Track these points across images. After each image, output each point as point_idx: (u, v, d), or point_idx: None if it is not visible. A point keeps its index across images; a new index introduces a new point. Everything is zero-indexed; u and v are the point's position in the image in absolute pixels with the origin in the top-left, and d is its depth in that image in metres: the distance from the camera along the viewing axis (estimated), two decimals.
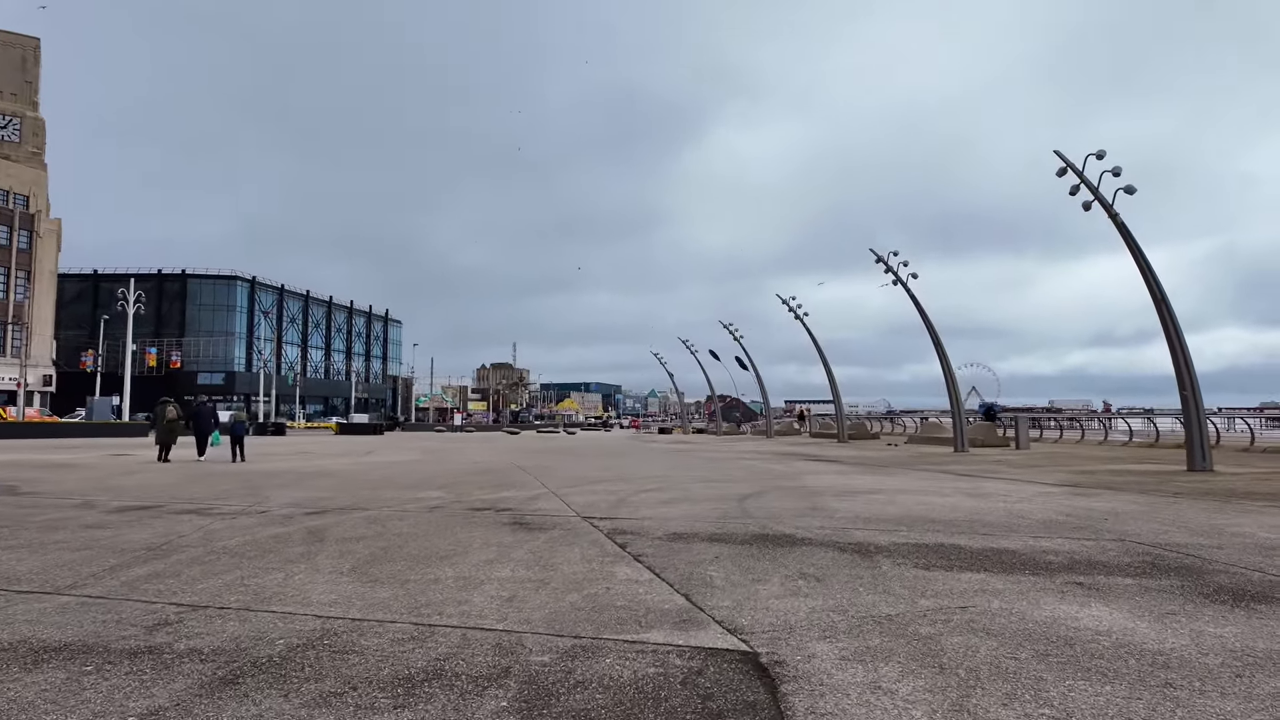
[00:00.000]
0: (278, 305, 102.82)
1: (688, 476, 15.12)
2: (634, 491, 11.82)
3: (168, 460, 19.07)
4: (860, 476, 15.37)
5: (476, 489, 12.13)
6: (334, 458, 21.82)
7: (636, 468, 17.87)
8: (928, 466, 18.70)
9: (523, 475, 15.02)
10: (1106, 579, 5.53)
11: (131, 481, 13.49)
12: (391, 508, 9.68)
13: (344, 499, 10.70)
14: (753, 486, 12.77)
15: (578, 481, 13.67)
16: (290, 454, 24.02)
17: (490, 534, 7.51)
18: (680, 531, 7.67)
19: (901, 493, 11.83)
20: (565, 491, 11.75)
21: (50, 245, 68.60)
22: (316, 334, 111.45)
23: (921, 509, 9.66)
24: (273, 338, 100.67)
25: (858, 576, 5.58)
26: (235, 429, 21.67)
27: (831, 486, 12.85)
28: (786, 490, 12.14)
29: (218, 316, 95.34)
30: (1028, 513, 9.34)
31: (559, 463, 19.72)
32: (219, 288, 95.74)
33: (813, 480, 14.26)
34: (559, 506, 9.78)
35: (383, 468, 17.36)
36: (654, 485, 12.95)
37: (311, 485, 12.76)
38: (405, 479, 14.16)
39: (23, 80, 68.65)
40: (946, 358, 26.82)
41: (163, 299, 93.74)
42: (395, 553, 6.48)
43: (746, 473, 16.23)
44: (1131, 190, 16.49)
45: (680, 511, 9.34)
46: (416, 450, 27.32)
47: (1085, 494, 11.71)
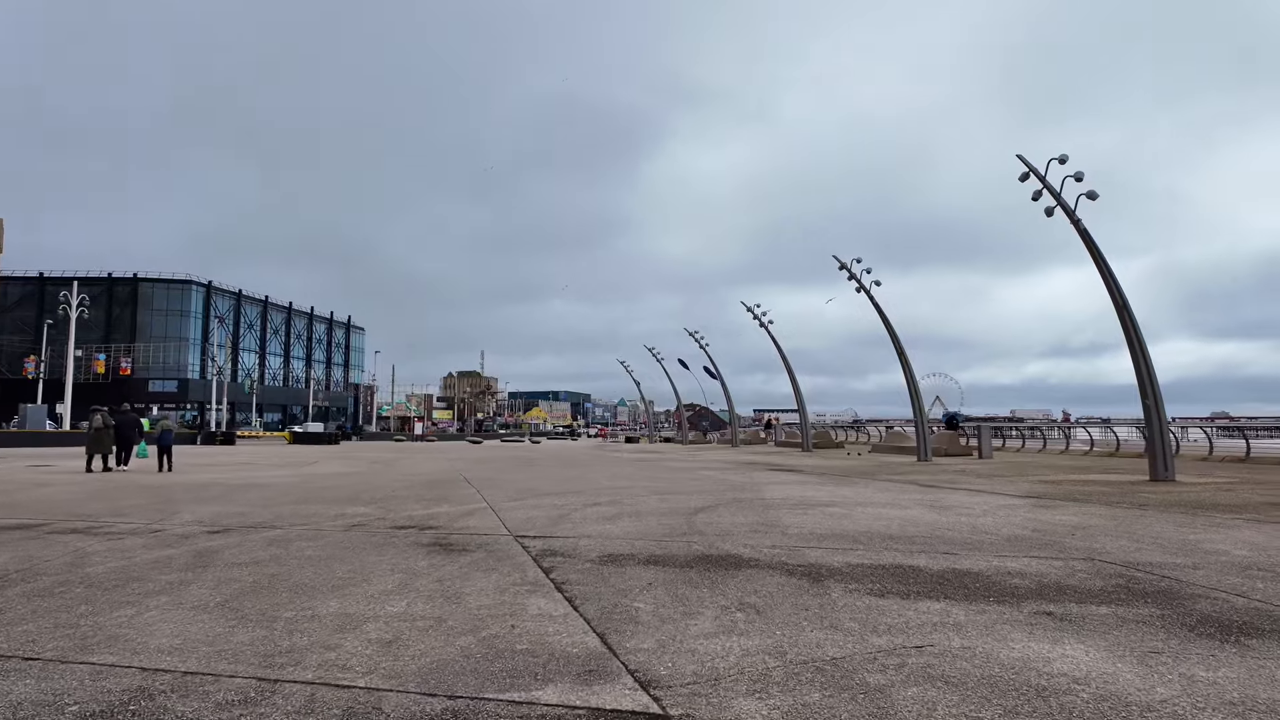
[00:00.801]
0: (234, 311, 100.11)
1: (642, 488, 14.41)
2: (581, 505, 11.07)
3: (92, 471, 18.08)
4: (820, 488, 14.81)
5: (411, 503, 11.28)
6: (274, 469, 20.68)
7: (591, 479, 17.11)
8: (890, 477, 18.25)
9: (466, 488, 14.17)
10: (1079, 608, 4.94)
11: (31, 496, 12.36)
12: (308, 526, 8.81)
13: (261, 515, 9.78)
14: (708, 499, 12.11)
15: (523, 494, 12.88)
16: (230, 465, 22.78)
17: (402, 558, 6.71)
18: (617, 553, 6.96)
19: (861, 505, 11.26)
20: (506, 506, 10.96)
21: None
22: (275, 340, 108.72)
23: (880, 524, 9.08)
24: (228, 344, 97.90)
25: (804, 607, 4.92)
26: (162, 438, 20.55)
27: (789, 499, 12.24)
28: (742, 503, 11.49)
29: (171, 322, 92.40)
30: (991, 528, 8.80)
31: (511, 474, 18.88)
32: (172, 292, 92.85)
33: (771, 492, 13.65)
34: (492, 524, 8.99)
35: (321, 480, 16.36)
36: (605, 498, 12.22)
37: (233, 500, 11.78)
38: (339, 492, 13.22)
39: None
40: (909, 366, 26.57)
41: (113, 304, 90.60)
42: (281, 582, 5.66)
43: (704, 484, 15.59)
44: (1094, 196, 16.29)
45: (624, 528, 8.62)
46: (365, 461, 26.21)
47: (1049, 506, 11.26)
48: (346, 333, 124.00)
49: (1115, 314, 16.55)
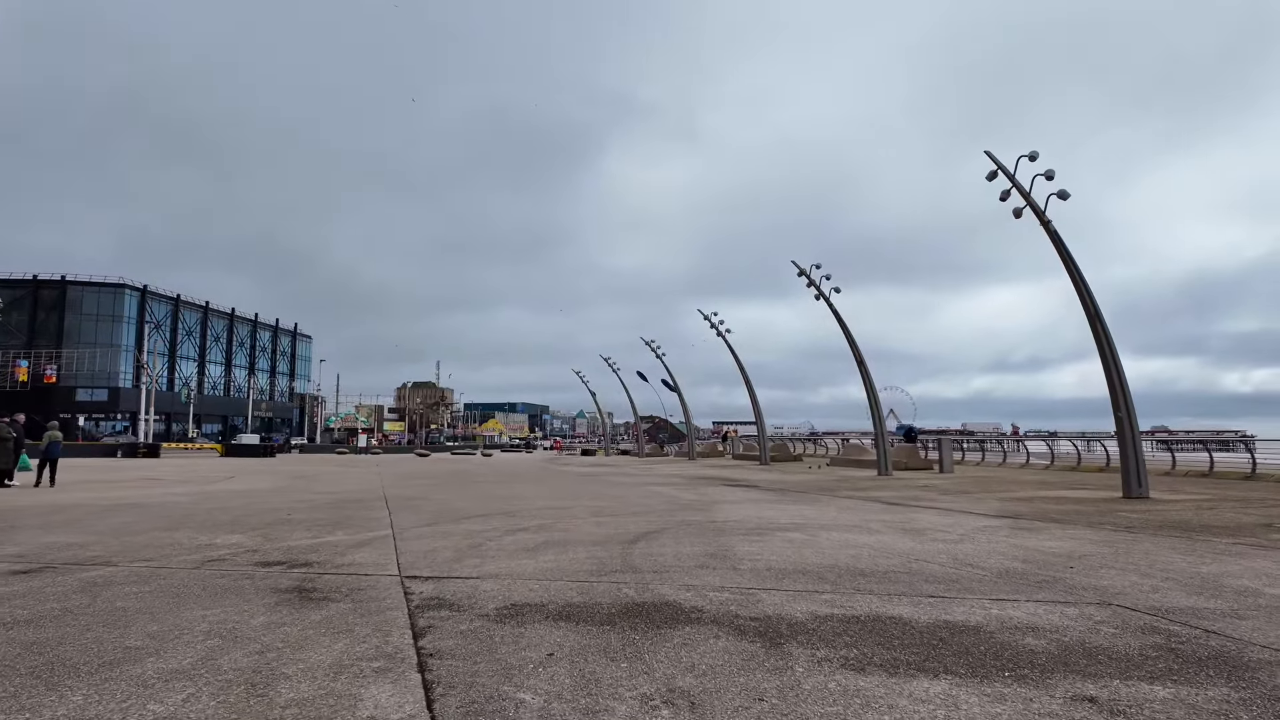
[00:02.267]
0: (172, 317, 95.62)
1: (583, 508, 12.90)
2: (503, 532, 9.52)
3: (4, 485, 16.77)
4: (779, 506, 13.50)
5: (301, 530, 9.58)
6: (176, 485, 18.56)
7: (528, 497, 15.53)
8: (852, 493, 17.09)
9: (378, 510, 12.47)
10: (1126, 687, 3.63)
11: None
12: (152, 563, 7.10)
13: (105, 547, 8.01)
14: (653, 522, 10.66)
15: (440, 517, 11.25)
16: (128, 481, 20.53)
17: (238, 612, 5.11)
18: (524, 601, 5.46)
19: (825, 529, 9.95)
20: (412, 534, 9.35)
21: None
22: (216, 348, 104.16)
23: (849, 554, 7.75)
24: (165, 351, 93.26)
25: (758, 694, 3.50)
26: (49, 450, 18.40)
27: (745, 521, 10.88)
28: (691, 527, 10.08)
29: (102, 328, 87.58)
30: (975, 558, 7.55)
31: (441, 492, 17.16)
32: (104, 296, 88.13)
33: (726, 512, 12.28)
34: (382, 559, 7.39)
35: (217, 499, 14.43)
36: (535, 521, 10.68)
37: (87, 526, 9.91)
38: (226, 515, 11.41)
39: None
40: (869, 377, 25.64)
41: (38, 308, 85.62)
42: (40, 654, 4.03)
43: (653, 502, 14.15)
44: (1065, 195, 15.43)
45: (543, 564, 7.12)
46: (286, 475, 24.09)
47: (1031, 529, 10.11)
48: (293, 341, 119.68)
49: (1087, 323, 15.69)
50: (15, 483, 17.55)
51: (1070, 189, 15.56)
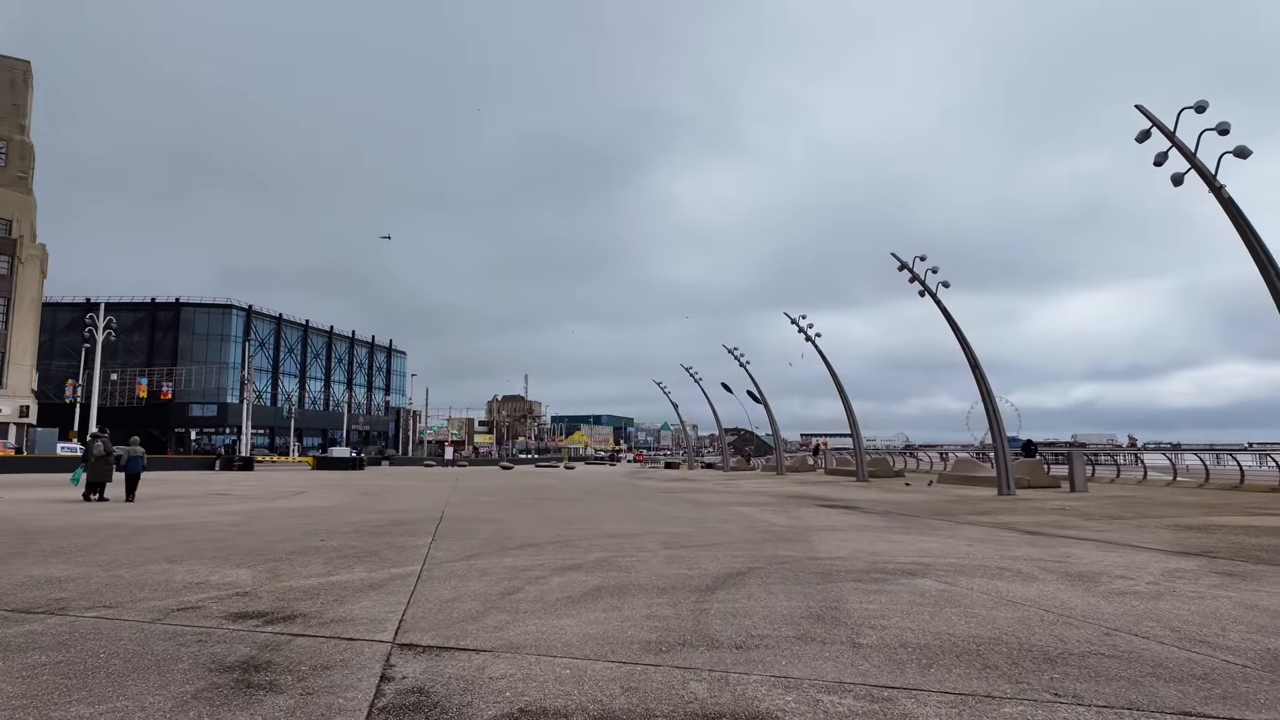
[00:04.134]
0: (275, 335, 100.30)
1: (655, 535, 11.04)
2: (551, 569, 7.78)
3: (90, 499, 16.94)
4: (891, 536, 11.22)
5: (320, 563, 8.14)
6: (238, 501, 17.89)
7: (597, 519, 13.80)
8: (975, 517, 14.50)
9: (422, 536, 11.00)
10: None
11: None
12: (112, 610, 5.74)
13: (88, 584, 6.76)
14: (737, 557, 8.68)
15: (488, 547, 9.63)
16: (199, 495, 20.15)
17: (138, 709, 3.53)
18: (540, 708, 3.65)
19: (962, 572, 7.71)
20: (445, 569, 7.73)
21: (33, 272, 66.18)
22: (316, 364, 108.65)
23: (1012, 619, 5.56)
24: (269, 368, 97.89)
25: None
26: (129, 465, 18.14)
27: (853, 558, 8.73)
28: (786, 567, 8.05)
29: (211, 346, 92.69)
30: (1200, 627, 5.22)
31: (505, 511, 15.68)
32: (214, 317, 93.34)
33: (826, 543, 10.13)
34: (386, 612, 5.76)
35: (267, 518, 13.40)
36: (593, 555, 8.90)
37: (100, 550, 8.82)
38: (252, 541, 10.18)
39: (10, 103, 66.99)
40: (986, 382, 22.66)
41: (156, 328, 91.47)
42: None
43: (737, 529, 12.12)
44: (1245, 153, 12.49)
45: (587, 627, 5.30)
46: (358, 491, 23.34)
47: (1241, 573, 7.55)
48: (388, 357, 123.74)
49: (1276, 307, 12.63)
50: (108, 496, 17.46)
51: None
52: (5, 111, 66.35)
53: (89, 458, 17.77)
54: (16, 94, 67.16)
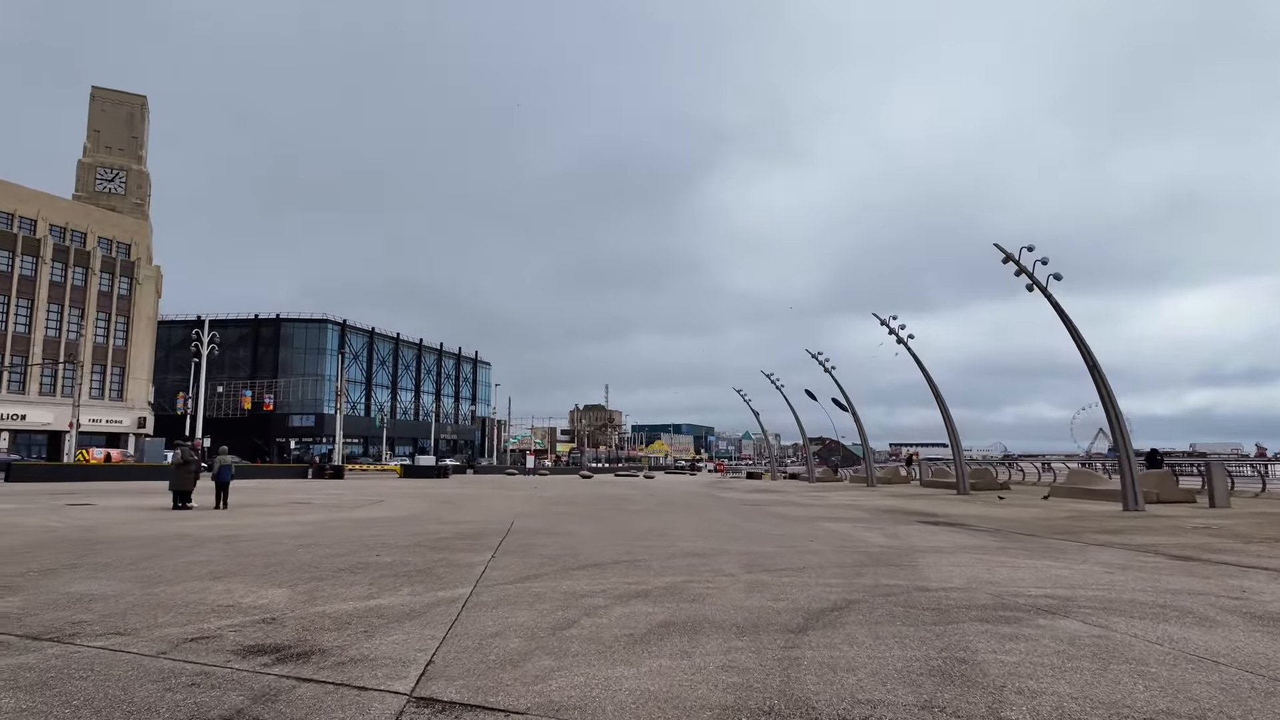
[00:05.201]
0: (368, 348, 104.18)
1: (735, 555, 9.91)
2: (615, 597, 6.80)
3: (179, 508, 17.20)
4: (1012, 560, 9.68)
5: (365, 583, 7.45)
6: (313, 510, 17.81)
7: (673, 534, 12.76)
8: (1105, 537, 12.62)
9: (483, 552, 10.24)
10: None
11: None
12: (123, 639, 5.15)
13: (116, 604, 6.28)
14: (831, 586, 7.47)
15: (550, 566, 8.74)
16: (279, 504, 20.31)
17: None
18: None
19: (1111, 610, 6.24)
20: (496, 594, 6.88)
21: (149, 292, 70.90)
22: (406, 376, 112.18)
23: (1209, 685, 4.19)
24: (362, 380, 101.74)
25: None
26: (220, 474, 18.46)
27: (971, 588, 7.36)
28: (892, 600, 6.79)
29: (309, 359, 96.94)
30: None
31: (576, 523, 14.85)
32: (310, 331, 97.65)
33: (936, 568, 8.75)
34: (414, 650, 4.91)
35: (334, 529, 13.03)
36: (665, 579, 7.88)
37: (150, 564, 8.47)
38: (306, 555, 9.68)
39: (129, 136, 72.25)
40: (1108, 387, 20.30)
41: (258, 343, 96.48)
42: None
43: (828, 548, 10.83)
44: None
45: (647, 680, 4.28)
46: (435, 500, 23.12)
47: None
48: (473, 368, 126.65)
49: None
50: (194, 504, 17.79)
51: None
52: (124, 144, 71.70)
53: (172, 467, 18.23)
54: (134, 127, 72.48)
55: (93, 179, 70.08)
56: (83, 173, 70.11)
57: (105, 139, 71.09)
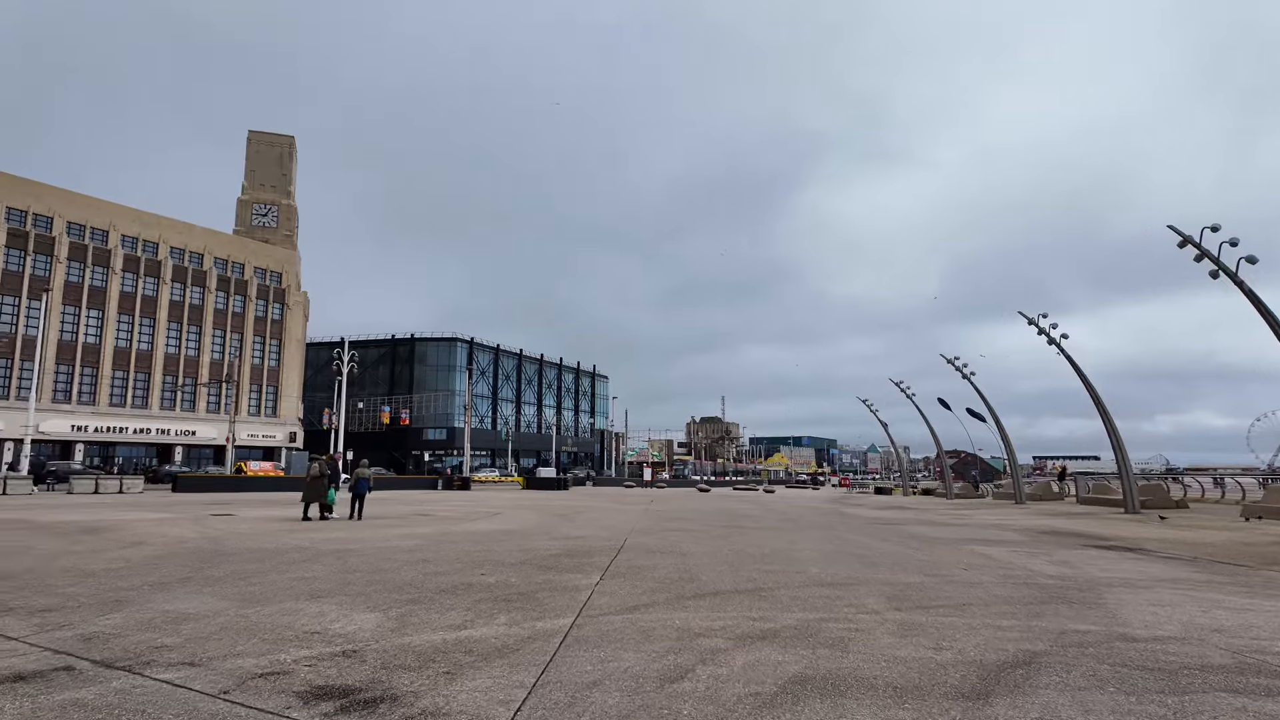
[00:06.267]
0: (494, 364, 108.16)
1: (878, 586, 8.59)
2: (736, 639, 5.77)
3: (309, 519, 17.77)
4: (1234, 600, 7.76)
5: (462, 608, 6.81)
6: (433, 523, 17.82)
7: (800, 558, 11.50)
8: None
9: (591, 573, 9.45)
10: None
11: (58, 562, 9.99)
12: (188, 670, 4.71)
13: (200, 627, 5.97)
14: (1005, 633, 6.08)
15: (662, 593, 7.81)
16: (404, 515, 20.63)
17: None
18: None
19: None
20: (600, 628, 6.02)
21: (298, 316, 76.80)
22: (529, 390, 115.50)
23: None
24: (489, 394, 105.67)
25: None
26: (357, 486, 19.07)
27: (1192, 638, 5.74)
28: (1089, 655, 5.34)
29: (441, 376, 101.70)
30: None
31: (692, 542, 13.84)
32: (442, 349, 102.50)
33: (1135, 611, 7.07)
34: (499, 702, 4.11)
35: (449, 543, 12.73)
36: (794, 616, 6.75)
37: (253, 580, 8.29)
38: (412, 573, 9.26)
39: (280, 173, 78.90)
40: None
41: (395, 362, 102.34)
42: None
43: (990, 578, 9.23)
44: None
45: None
46: (551, 512, 22.83)
47: None
48: (591, 381, 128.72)
49: None
50: (334, 515, 18.41)
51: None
52: (276, 180, 78.40)
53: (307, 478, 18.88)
54: (284, 165, 79.14)
55: (249, 214, 77.02)
56: (241, 209, 77.22)
57: (260, 177, 78.02)
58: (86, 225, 59.49)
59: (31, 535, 13.06)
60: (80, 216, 59.29)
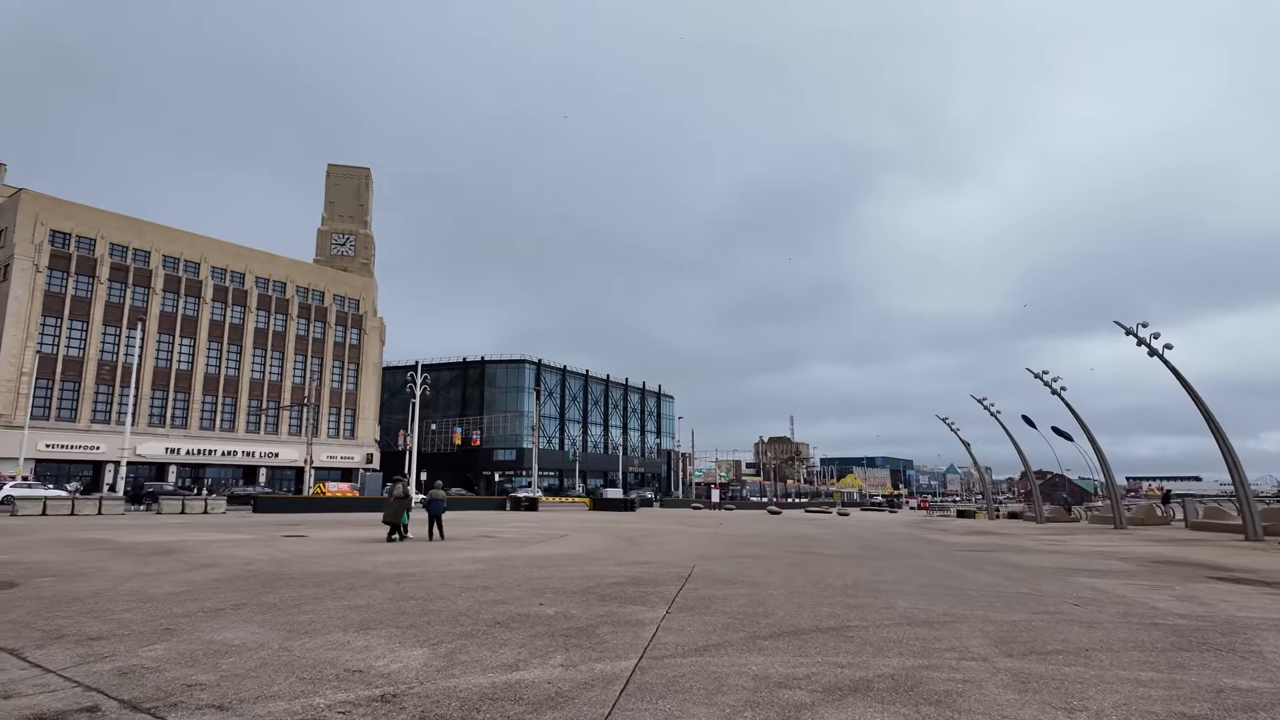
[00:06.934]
0: (560, 385, 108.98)
1: (979, 626, 7.62)
2: (826, 687, 5.01)
3: (391, 540, 17.92)
4: None
5: (516, 644, 6.27)
6: (496, 545, 17.47)
7: (886, 590, 10.53)
8: None
9: (656, 605, 8.79)
10: None
11: (129, 585, 9.97)
12: (223, 713, 4.29)
13: (245, 659, 5.62)
14: (1144, 689, 5.11)
15: (735, 631, 7.07)
16: (470, 536, 20.42)
17: None
18: None
19: None
20: (666, 672, 5.36)
21: (375, 341, 79.22)
22: (595, 411, 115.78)
23: None
24: (556, 415, 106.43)
25: None
26: (432, 507, 19.13)
27: None
28: None
29: (509, 397, 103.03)
30: None
31: (764, 570, 12.98)
32: (510, 371, 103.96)
33: None
34: None
35: (511, 568, 12.28)
36: (889, 663, 5.92)
37: (311, 608, 7.99)
38: (466, 601, 8.80)
39: (357, 204, 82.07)
40: None
41: (467, 384, 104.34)
42: None
43: (1108, 618, 8.10)
44: None
45: None
46: (618, 535, 22.22)
47: None
48: (657, 401, 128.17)
49: None
50: (411, 535, 18.44)
51: None
52: (353, 211, 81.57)
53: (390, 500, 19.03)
54: (361, 196, 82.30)
55: (329, 244, 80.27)
56: (321, 239, 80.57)
57: (338, 209, 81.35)
58: (181, 258, 63.00)
59: (111, 556, 13.32)
60: (175, 250, 62.87)
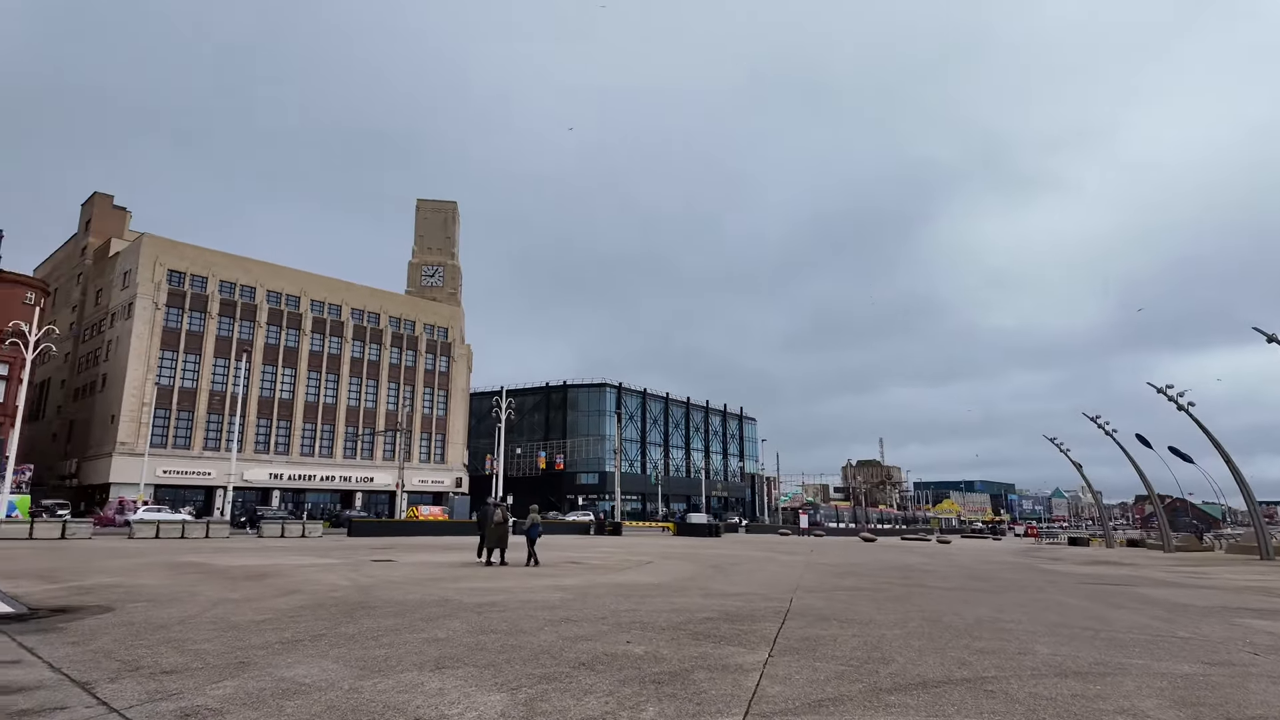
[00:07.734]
0: (641, 408, 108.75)
1: (1144, 683, 6.42)
2: None
3: (491, 564, 18.18)
4: None
5: (603, 692, 5.60)
6: (583, 573, 16.90)
7: (1014, 631, 9.29)
8: None
9: (757, 647, 7.92)
10: None
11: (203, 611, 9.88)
12: None
13: (317, 700, 5.18)
14: None
15: (851, 682, 6.16)
16: (558, 561, 20.01)
17: None
18: None
19: None
20: None
21: (462, 368, 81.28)
22: (676, 434, 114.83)
23: None
24: (637, 439, 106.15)
25: None
26: (530, 530, 18.97)
27: None
28: None
29: (591, 421, 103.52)
30: None
31: (872, 606, 11.84)
32: (592, 395, 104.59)
33: None
34: None
35: (593, 598, 11.66)
36: None
37: (385, 640, 7.58)
38: (550, 636, 8.20)
39: (444, 236, 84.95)
40: None
41: (550, 408, 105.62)
42: None
43: None
44: None
45: None
46: (705, 562, 21.28)
47: None
48: (739, 424, 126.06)
49: None
50: (508, 560, 18.32)
51: None
52: (441, 243, 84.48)
53: (484, 524, 18.90)
54: (448, 228, 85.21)
55: (419, 275, 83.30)
56: (411, 271, 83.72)
57: (427, 241, 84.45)
58: (282, 293, 66.61)
59: (203, 580, 13.52)
60: (278, 285, 66.55)
